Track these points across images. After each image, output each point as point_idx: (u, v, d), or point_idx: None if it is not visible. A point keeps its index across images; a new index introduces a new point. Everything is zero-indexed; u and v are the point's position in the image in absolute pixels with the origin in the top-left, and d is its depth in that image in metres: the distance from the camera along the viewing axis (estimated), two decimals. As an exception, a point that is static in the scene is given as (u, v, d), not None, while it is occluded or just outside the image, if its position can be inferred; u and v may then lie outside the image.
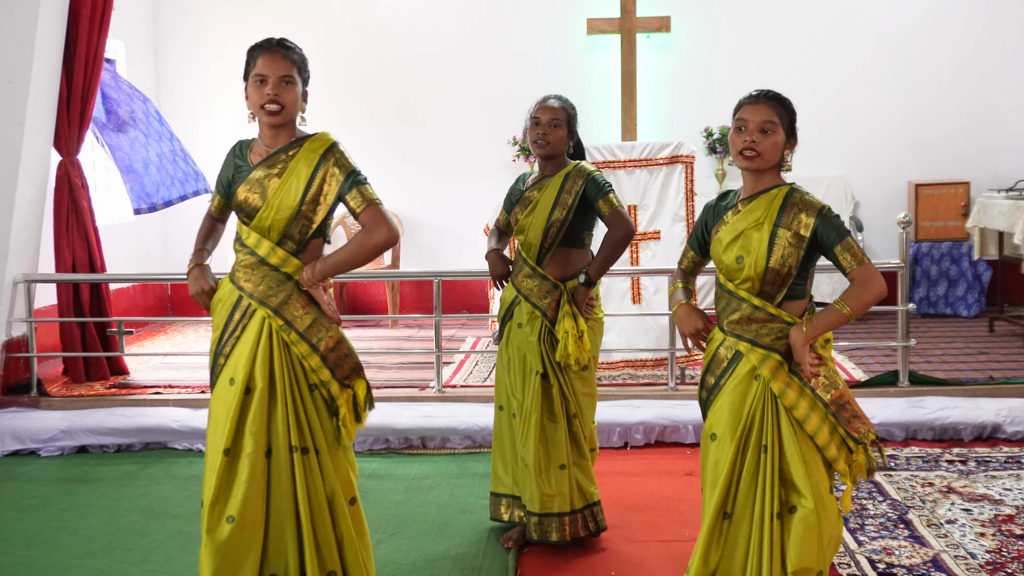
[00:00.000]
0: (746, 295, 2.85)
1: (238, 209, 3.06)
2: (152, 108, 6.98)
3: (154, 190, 6.71)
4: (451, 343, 7.46)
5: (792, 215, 2.82)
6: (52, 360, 6.54)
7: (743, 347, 2.85)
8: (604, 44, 8.45)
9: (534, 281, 3.80)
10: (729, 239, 2.88)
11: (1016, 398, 5.33)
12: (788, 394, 2.81)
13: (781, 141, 2.87)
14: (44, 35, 5.88)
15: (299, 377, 3.02)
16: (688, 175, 6.12)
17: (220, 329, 3.06)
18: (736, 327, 2.88)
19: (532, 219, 3.79)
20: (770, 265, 2.80)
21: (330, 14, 8.67)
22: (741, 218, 2.88)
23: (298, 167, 2.99)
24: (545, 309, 3.78)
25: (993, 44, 8.34)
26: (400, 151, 8.72)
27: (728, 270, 2.90)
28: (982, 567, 3.59)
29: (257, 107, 2.97)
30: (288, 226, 2.99)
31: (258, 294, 2.99)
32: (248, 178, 3.01)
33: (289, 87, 2.96)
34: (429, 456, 5.18)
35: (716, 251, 2.94)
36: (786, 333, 2.84)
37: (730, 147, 2.92)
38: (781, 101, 2.90)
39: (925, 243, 8.06)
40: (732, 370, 2.89)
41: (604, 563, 3.77)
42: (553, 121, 3.77)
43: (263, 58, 2.97)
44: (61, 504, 4.55)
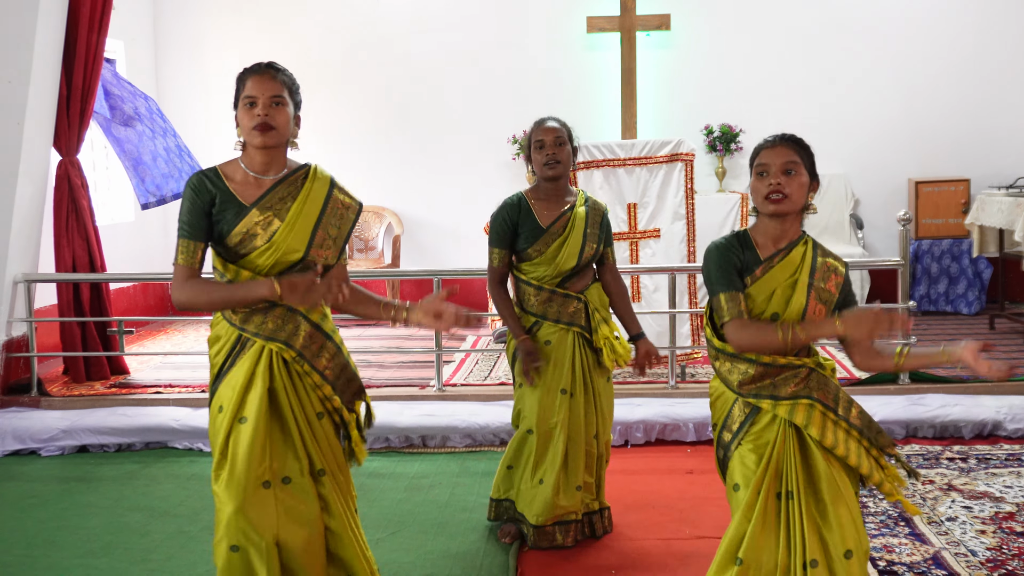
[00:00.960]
0: (752, 355, 2.71)
1: (227, 249, 2.89)
2: (154, 105, 6.98)
3: (163, 183, 6.69)
4: (451, 342, 7.44)
5: (823, 264, 2.75)
6: (52, 360, 6.54)
7: (765, 404, 2.71)
8: (604, 42, 8.45)
9: (556, 303, 3.81)
10: (763, 297, 2.73)
11: (1017, 395, 5.33)
12: (827, 436, 2.67)
13: (806, 182, 2.74)
14: (44, 35, 5.88)
15: (305, 403, 2.92)
16: (688, 173, 6.11)
17: (218, 367, 2.94)
18: (749, 387, 2.73)
19: (565, 252, 3.77)
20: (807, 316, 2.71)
21: (329, 13, 8.67)
22: (776, 274, 2.73)
23: (306, 206, 2.88)
24: (575, 321, 3.81)
25: (993, 42, 8.33)
26: (400, 150, 8.72)
27: None
28: (983, 564, 3.59)
29: (248, 130, 2.84)
30: (290, 268, 2.87)
31: (265, 332, 2.86)
32: (244, 219, 2.83)
33: (280, 108, 2.84)
34: (429, 455, 5.18)
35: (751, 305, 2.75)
36: (801, 376, 2.70)
37: (752, 196, 2.77)
38: (799, 143, 2.77)
39: (925, 240, 8.05)
40: (749, 427, 2.75)
41: (604, 561, 3.77)
42: (558, 140, 3.76)
43: (252, 80, 2.85)
44: (61, 503, 4.55)
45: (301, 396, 2.91)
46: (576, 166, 6.17)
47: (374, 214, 8.70)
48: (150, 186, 6.63)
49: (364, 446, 3.10)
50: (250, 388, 2.86)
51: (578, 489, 3.86)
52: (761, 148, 2.78)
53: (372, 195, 8.63)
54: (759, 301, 2.73)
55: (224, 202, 2.86)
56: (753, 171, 2.78)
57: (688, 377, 6.04)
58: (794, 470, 2.69)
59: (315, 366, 2.91)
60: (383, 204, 8.72)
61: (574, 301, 3.81)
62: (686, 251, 6.12)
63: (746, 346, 2.70)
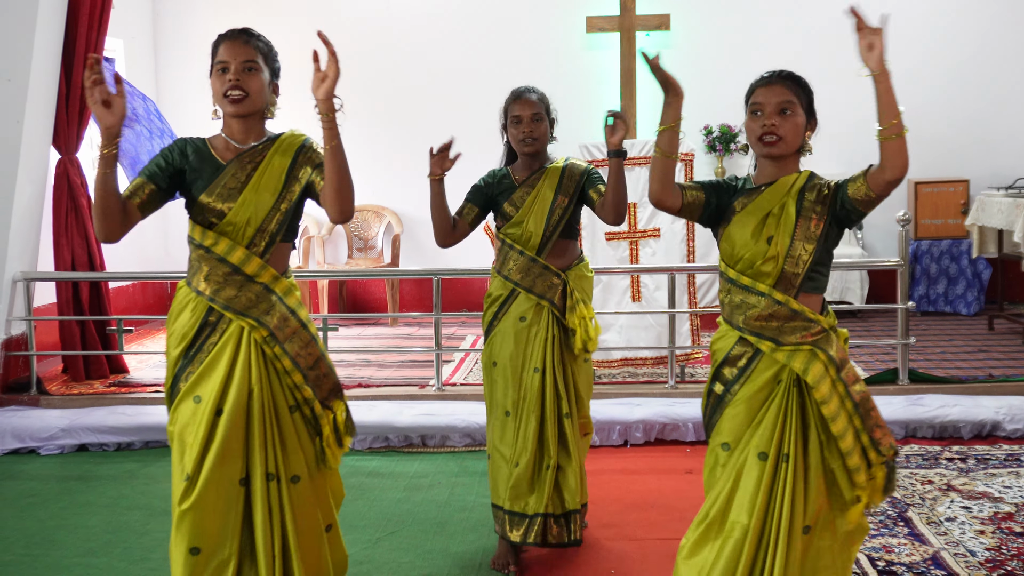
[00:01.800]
0: (766, 289, 2.62)
1: (201, 209, 2.83)
2: (152, 106, 6.98)
3: None
4: (451, 341, 7.46)
5: (814, 196, 2.67)
6: (52, 358, 6.54)
7: (765, 346, 2.62)
8: (603, 42, 8.45)
9: (534, 273, 3.71)
10: (756, 221, 2.65)
11: (1016, 396, 5.33)
12: (822, 387, 2.57)
13: (802, 122, 2.68)
14: (43, 33, 5.88)
15: (278, 398, 2.80)
16: (688, 173, 6.11)
17: (186, 342, 2.80)
18: (754, 324, 2.63)
19: (534, 210, 3.71)
20: (795, 240, 2.62)
21: (329, 12, 8.67)
22: (765, 198, 2.66)
23: (272, 163, 2.82)
24: (553, 299, 3.70)
25: (992, 42, 8.34)
26: (399, 149, 8.72)
27: (750, 258, 2.65)
28: (981, 564, 3.59)
29: (220, 96, 2.79)
30: (262, 224, 2.80)
31: (238, 305, 2.77)
32: (219, 176, 2.79)
33: (253, 74, 2.78)
34: (429, 454, 5.18)
35: (738, 236, 2.67)
36: (810, 330, 2.60)
37: (747, 134, 2.72)
38: (797, 80, 2.70)
39: (925, 241, 8.06)
40: (750, 370, 2.66)
41: (604, 561, 3.78)
42: (535, 116, 3.75)
43: (224, 45, 2.79)
44: (61, 502, 4.55)
45: (275, 388, 2.80)
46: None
47: (373, 213, 8.70)
48: None
49: (340, 449, 2.91)
50: (231, 378, 2.75)
51: (546, 469, 3.66)
52: (756, 86, 2.72)
53: (371, 194, 8.63)
54: (752, 226, 2.66)
55: (201, 162, 2.83)
56: (747, 109, 2.71)
57: (688, 377, 6.04)
58: (792, 432, 2.60)
59: (286, 350, 2.79)
60: (382, 203, 8.72)
61: (553, 276, 3.71)
62: (686, 250, 6.12)
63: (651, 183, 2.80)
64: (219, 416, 2.73)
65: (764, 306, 2.63)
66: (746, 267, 2.67)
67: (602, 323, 6.00)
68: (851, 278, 7.86)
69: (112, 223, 2.78)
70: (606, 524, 4.13)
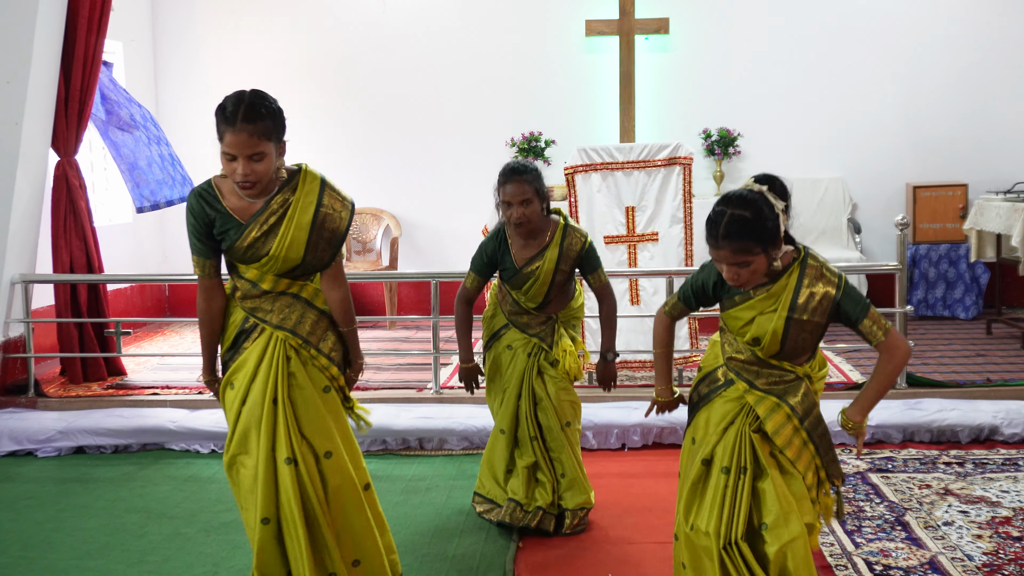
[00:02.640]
0: (759, 353, 2.84)
1: (238, 257, 3.04)
2: (148, 113, 7.00)
3: (158, 188, 6.72)
4: (449, 344, 7.43)
5: (807, 295, 2.73)
6: (49, 361, 6.54)
7: (740, 385, 2.86)
8: (602, 46, 8.46)
9: (529, 317, 4.04)
10: (743, 322, 2.82)
11: (1013, 400, 5.33)
12: (783, 434, 2.80)
13: (762, 261, 2.69)
14: (42, 36, 5.88)
15: (308, 383, 3.07)
16: (686, 177, 6.12)
17: (229, 342, 3.14)
18: (736, 364, 2.87)
19: (536, 288, 3.94)
20: (786, 349, 2.80)
21: (328, 16, 8.67)
22: (757, 303, 2.78)
23: (298, 216, 2.98)
24: (542, 336, 4.03)
25: (991, 46, 8.34)
26: (398, 152, 8.72)
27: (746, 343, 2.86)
28: (979, 569, 3.59)
29: (230, 175, 2.93)
30: (291, 271, 3.05)
31: (272, 320, 3.05)
32: (242, 236, 2.97)
33: (261, 161, 2.87)
34: (426, 457, 5.18)
35: (732, 325, 2.88)
36: (784, 379, 2.83)
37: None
38: (743, 233, 2.64)
39: (923, 245, 8.06)
40: (722, 391, 2.92)
41: (601, 564, 3.77)
42: (524, 201, 3.80)
43: (229, 136, 2.82)
44: (58, 505, 4.55)
45: (303, 380, 3.06)
46: (576, 169, 6.19)
47: (372, 216, 8.70)
48: (145, 191, 6.65)
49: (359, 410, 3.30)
50: (258, 370, 3.02)
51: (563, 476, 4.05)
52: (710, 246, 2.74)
53: (370, 197, 8.63)
54: (743, 320, 2.83)
55: (223, 222, 2.99)
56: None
57: (686, 380, 6.03)
58: (747, 449, 2.83)
59: (321, 351, 3.07)
60: (381, 206, 8.72)
61: (545, 318, 4.04)
62: (684, 254, 6.13)
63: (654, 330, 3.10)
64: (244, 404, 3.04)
65: (748, 356, 2.84)
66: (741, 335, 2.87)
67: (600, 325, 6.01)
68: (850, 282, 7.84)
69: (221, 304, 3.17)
70: (604, 527, 4.13)
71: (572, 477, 4.05)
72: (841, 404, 5.00)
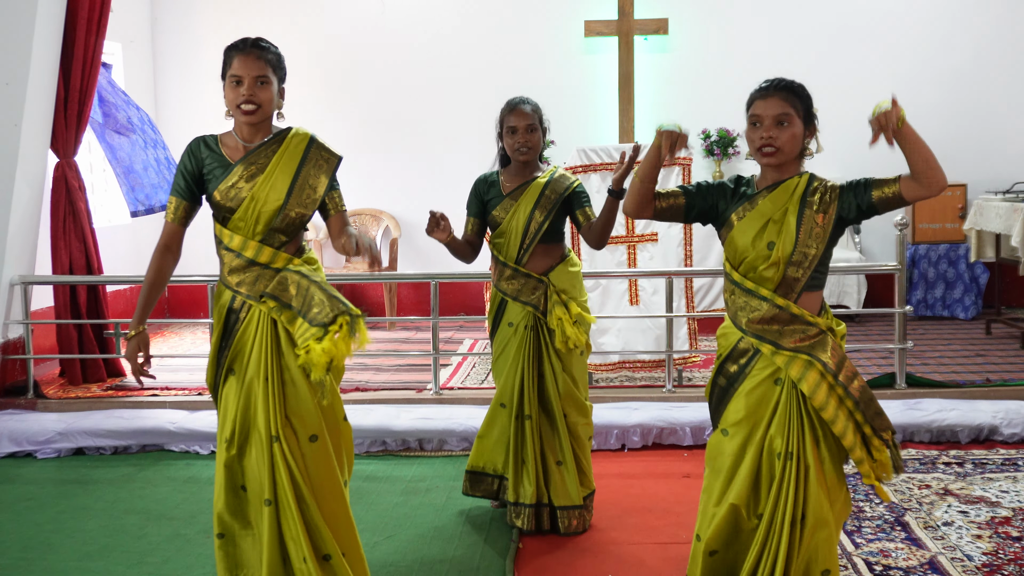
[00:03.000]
0: (768, 294, 2.81)
1: (216, 207, 3.09)
2: (145, 116, 7.00)
3: (153, 193, 6.73)
4: (448, 345, 7.45)
5: (817, 198, 2.82)
6: (49, 362, 6.54)
7: (766, 349, 2.80)
8: (601, 46, 8.46)
9: (518, 282, 4.01)
10: (756, 228, 2.82)
11: (1013, 400, 5.34)
12: (819, 395, 2.77)
13: (799, 131, 2.81)
14: (41, 37, 5.88)
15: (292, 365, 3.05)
16: (685, 177, 6.11)
17: (219, 330, 3.13)
18: (756, 327, 2.83)
19: (514, 219, 3.98)
20: (798, 247, 2.78)
21: (327, 17, 8.68)
22: (766, 205, 2.82)
23: (282, 161, 3.07)
24: (536, 303, 3.98)
25: (990, 46, 8.35)
26: (397, 153, 8.73)
27: (752, 262, 2.83)
28: (979, 569, 3.59)
29: (234, 106, 3.05)
30: (272, 219, 3.05)
31: (254, 292, 3.06)
32: (228, 176, 3.04)
33: (265, 87, 3.05)
34: (426, 458, 5.18)
35: (740, 241, 2.85)
36: (809, 334, 2.79)
37: (748, 144, 2.86)
38: (794, 89, 2.83)
39: (922, 245, 8.06)
40: (750, 368, 2.86)
41: (602, 565, 3.77)
42: (529, 127, 3.95)
43: (238, 59, 3.04)
44: (58, 506, 4.54)
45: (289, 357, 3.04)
46: (575, 170, 6.19)
47: (372, 217, 8.70)
48: (139, 195, 6.66)
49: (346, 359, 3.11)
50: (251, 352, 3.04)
51: (558, 464, 4.01)
52: (754, 97, 2.84)
53: (369, 198, 8.63)
54: (753, 231, 2.81)
55: (214, 162, 3.07)
56: (747, 119, 2.84)
57: (685, 381, 6.04)
58: (795, 432, 2.78)
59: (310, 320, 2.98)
60: (380, 207, 8.72)
61: (534, 282, 3.99)
62: (683, 255, 6.13)
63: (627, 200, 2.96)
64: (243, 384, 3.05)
65: (766, 310, 2.79)
66: (748, 270, 2.83)
67: (600, 327, 6.02)
68: (849, 282, 7.86)
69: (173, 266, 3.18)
70: (604, 528, 4.13)
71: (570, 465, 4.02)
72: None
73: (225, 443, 3.07)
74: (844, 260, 7.74)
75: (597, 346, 5.91)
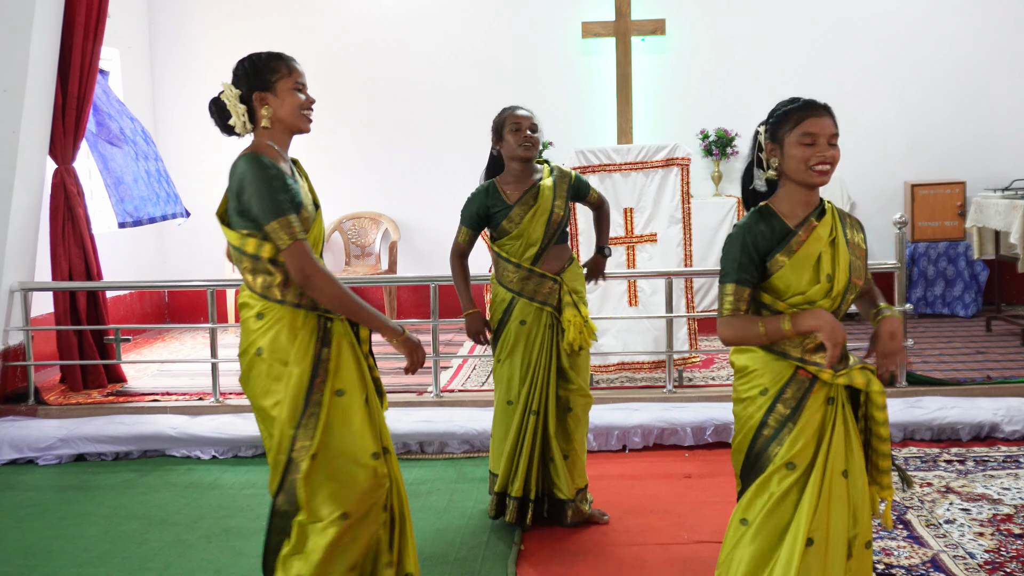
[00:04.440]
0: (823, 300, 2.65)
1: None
2: (140, 127, 7.01)
3: (141, 204, 6.76)
4: (448, 348, 7.45)
5: (848, 228, 2.71)
6: (49, 368, 6.54)
7: (826, 375, 2.62)
8: (599, 47, 8.47)
9: (533, 282, 4.07)
10: (812, 262, 2.64)
11: (1014, 397, 5.33)
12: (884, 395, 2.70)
13: (838, 155, 2.67)
14: (39, 44, 5.88)
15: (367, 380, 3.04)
16: (684, 177, 6.12)
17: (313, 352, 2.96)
18: (814, 354, 2.63)
19: (535, 223, 4.03)
20: (852, 280, 2.67)
21: (325, 21, 8.68)
22: (815, 239, 2.65)
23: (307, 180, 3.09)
24: (553, 304, 4.07)
25: (987, 44, 8.35)
26: (396, 156, 8.73)
27: (810, 296, 2.63)
28: (981, 567, 3.59)
29: (295, 112, 2.98)
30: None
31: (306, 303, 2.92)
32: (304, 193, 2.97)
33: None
34: (427, 461, 5.17)
35: (795, 281, 2.63)
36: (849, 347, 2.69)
37: (789, 163, 2.64)
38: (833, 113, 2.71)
39: (922, 243, 8.06)
40: (807, 402, 2.65)
41: (603, 566, 3.77)
42: (532, 126, 4.06)
43: (298, 70, 3.04)
44: (59, 512, 4.54)
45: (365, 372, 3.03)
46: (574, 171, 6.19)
47: (371, 220, 8.70)
48: (128, 207, 6.68)
49: None
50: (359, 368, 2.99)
51: (565, 458, 4.09)
52: (807, 115, 2.64)
53: (369, 201, 8.64)
54: (808, 268, 2.63)
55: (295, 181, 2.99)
56: (794, 137, 2.62)
57: (685, 381, 6.04)
58: (844, 449, 2.66)
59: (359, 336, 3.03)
60: (380, 210, 8.72)
61: (549, 282, 4.06)
62: (683, 255, 6.13)
63: (731, 340, 2.67)
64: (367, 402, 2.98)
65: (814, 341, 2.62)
66: (802, 302, 2.65)
67: (600, 327, 6.01)
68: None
69: None
70: (604, 529, 4.13)
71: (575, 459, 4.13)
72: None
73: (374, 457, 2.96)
74: (844, 259, 7.74)
75: (596, 347, 5.91)
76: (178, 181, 7.59)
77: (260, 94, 2.94)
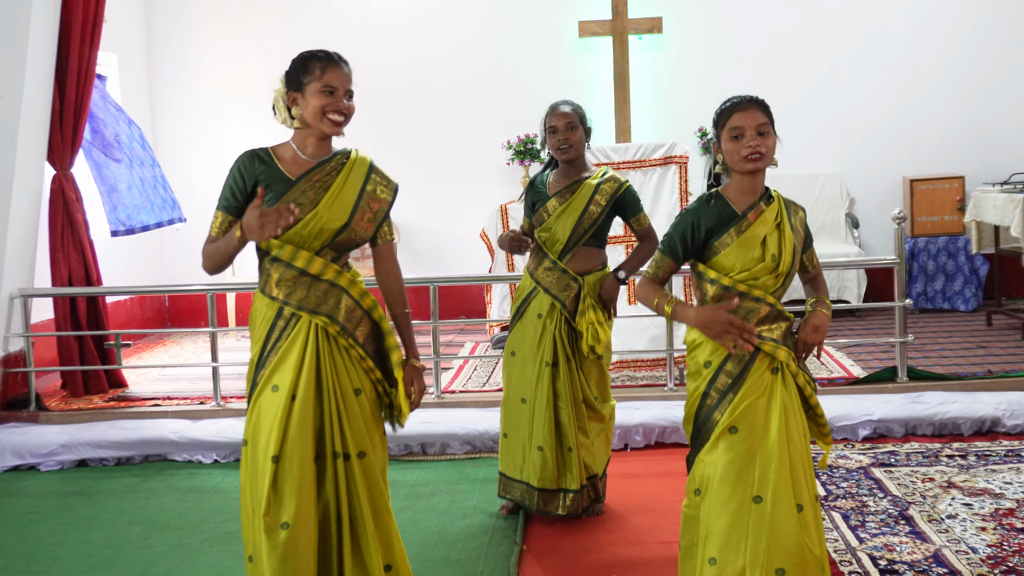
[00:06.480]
0: (762, 295, 2.88)
1: None
2: (136, 132, 7.00)
3: (134, 213, 6.76)
4: (449, 349, 7.45)
5: (790, 212, 2.97)
6: (50, 374, 6.54)
7: (768, 347, 2.86)
8: (596, 46, 8.46)
9: (554, 275, 4.09)
10: (758, 243, 2.87)
11: (1015, 391, 5.33)
12: (801, 376, 2.94)
13: (774, 141, 2.90)
14: (36, 49, 5.88)
15: (343, 383, 3.01)
16: (682, 175, 6.12)
17: (261, 343, 3.02)
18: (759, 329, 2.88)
19: (563, 218, 4.05)
20: (795, 259, 2.92)
21: (321, 23, 8.68)
22: (762, 223, 2.88)
23: (349, 180, 3.06)
24: (565, 301, 4.06)
25: (986, 38, 8.35)
26: (394, 156, 8.71)
27: (755, 272, 2.87)
28: (983, 561, 3.59)
29: (319, 114, 3.02)
30: (334, 237, 3.02)
31: (308, 304, 2.98)
32: (294, 188, 2.97)
33: (351, 103, 3.16)
34: (429, 462, 5.17)
35: (740, 258, 2.86)
36: (783, 327, 2.92)
37: (727, 156, 2.88)
38: (764, 104, 2.94)
39: (921, 238, 8.06)
40: (747, 374, 2.87)
41: (605, 565, 3.77)
42: (569, 125, 4.06)
43: (332, 71, 3.08)
44: (61, 518, 4.54)
45: (340, 373, 3.01)
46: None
47: (370, 222, 8.70)
48: (121, 215, 6.68)
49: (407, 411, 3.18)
50: (303, 365, 2.96)
51: (569, 451, 4.10)
52: (733, 111, 2.88)
53: (367, 203, 8.62)
54: (755, 247, 2.87)
55: (271, 177, 3.00)
56: (725, 133, 2.88)
57: (686, 379, 6.03)
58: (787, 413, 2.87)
59: (357, 340, 3.03)
60: (379, 212, 8.72)
61: (570, 280, 4.07)
62: (682, 253, 6.12)
63: (640, 298, 3.01)
64: (294, 400, 2.94)
65: (766, 311, 2.88)
66: (747, 278, 2.89)
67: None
68: (848, 276, 7.86)
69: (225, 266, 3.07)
70: (606, 528, 4.13)
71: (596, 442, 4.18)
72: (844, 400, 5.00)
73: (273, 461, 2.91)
74: (843, 255, 7.75)
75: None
76: (176, 186, 7.59)
77: (293, 94, 3.06)
